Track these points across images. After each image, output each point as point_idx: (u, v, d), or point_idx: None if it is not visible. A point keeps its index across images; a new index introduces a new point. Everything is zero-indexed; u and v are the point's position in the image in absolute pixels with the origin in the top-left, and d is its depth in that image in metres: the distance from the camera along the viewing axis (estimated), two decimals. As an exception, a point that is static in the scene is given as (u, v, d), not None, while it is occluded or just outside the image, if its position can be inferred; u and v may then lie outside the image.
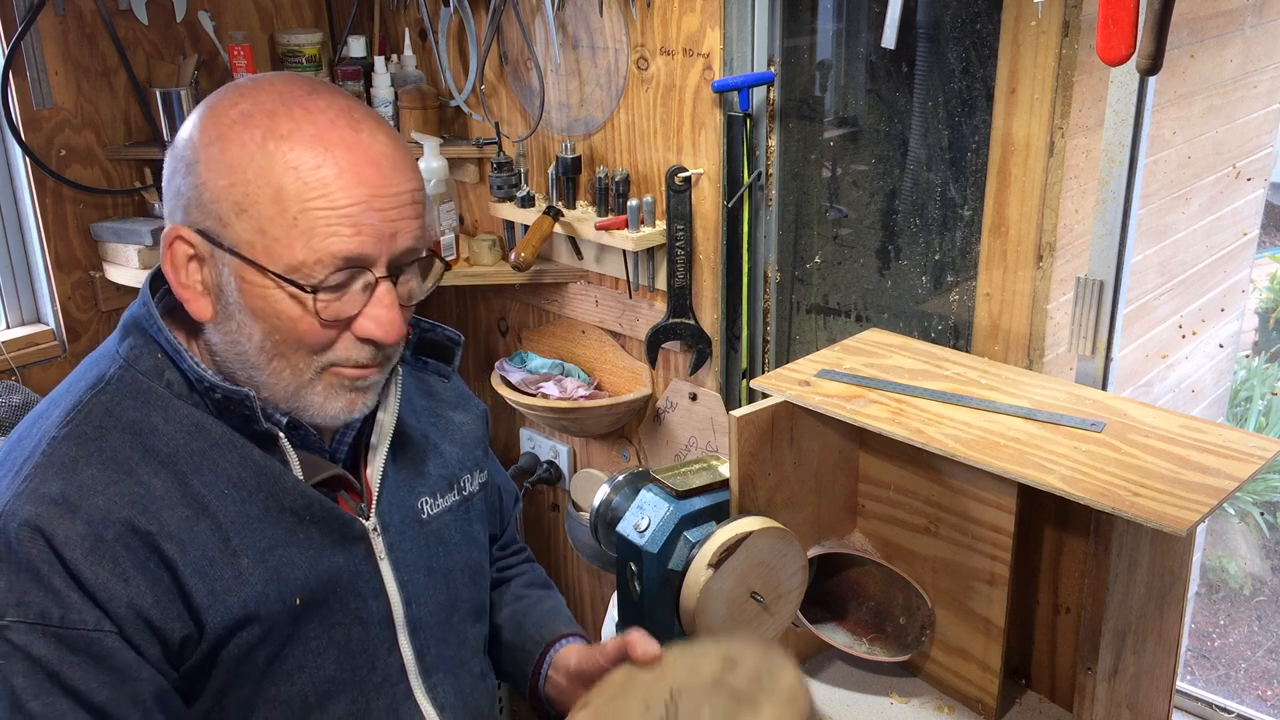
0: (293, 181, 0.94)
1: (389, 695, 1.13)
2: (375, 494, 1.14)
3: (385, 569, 1.13)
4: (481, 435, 1.31)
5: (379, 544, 1.12)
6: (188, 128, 0.99)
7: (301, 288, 0.97)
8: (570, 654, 1.27)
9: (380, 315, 1.01)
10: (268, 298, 0.98)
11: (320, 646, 1.07)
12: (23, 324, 2.37)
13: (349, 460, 1.15)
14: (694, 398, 2.11)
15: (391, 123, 2.37)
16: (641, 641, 1.12)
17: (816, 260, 1.98)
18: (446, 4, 2.24)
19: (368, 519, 1.12)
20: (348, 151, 0.96)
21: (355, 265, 0.98)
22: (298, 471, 1.06)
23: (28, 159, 2.20)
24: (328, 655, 1.08)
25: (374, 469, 1.14)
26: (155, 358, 1.02)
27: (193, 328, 1.05)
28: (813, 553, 1.47)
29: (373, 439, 1.15)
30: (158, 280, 1.09)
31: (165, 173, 1.01)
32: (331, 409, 1.05)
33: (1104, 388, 1.58)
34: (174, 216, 1.00)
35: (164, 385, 1.02)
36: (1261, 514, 4.17)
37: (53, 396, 1.05)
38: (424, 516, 1.18)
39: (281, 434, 1.05)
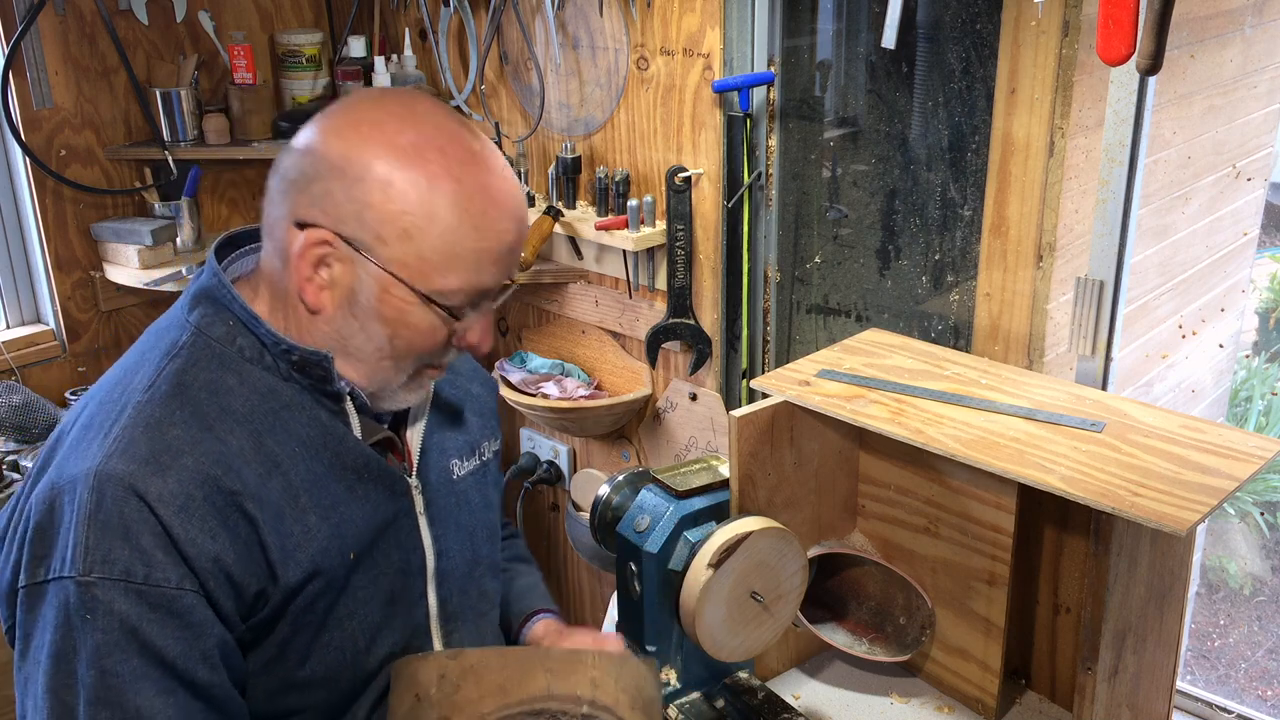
0: (463, 223, 1.04)
1: (419, 640, 1.22)
2: (416, 455, 1.23)
3: (422, 524, 1.21)
4: (494, 407, 1.42)
5: (419, 501, 1.21)
6: (342, 139, 1.04)
7: (450, 312, 1.08)
8: (539, 630, 1.39)
9: (484, 330, 1.14)
10: (405, 311, 1.07)
11: (368, 595, 1.15)
12: (23, 324, 2.38)
13: (392, 423, 1.24)
14: (694, 398, 2.11)
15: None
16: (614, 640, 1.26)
17: (816, 260, 1.98)
18: (446, 4, 2.24)
19: (410, 477, 1.21)
20: (506, 200, 1.07)
21: (490, 294, 1.11)
22: (358, 432, 1.14)
23: (28, 159, 2.20)
24: (375, 603, 1.16)
25: (415, 432, 1.24)
26: (227, 325, 1.08)
27: (272, 301, 1.11)
28: (813, 553, 1.47)
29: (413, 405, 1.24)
30: (220, 252, 1.16)
31: (294, 165, 1.06)
32: (408, 399, 1.18)
33: (1104, 388, 1.58)
34: (311, 213, 1.05)
35: (236, 350, 1.08)
36: (1261, 514, 4.17)
37: (126, 364, 1.10)
38: (454, 477, 1.27)
39: (349, 396, 1.12)
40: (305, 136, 1.07)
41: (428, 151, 1.03)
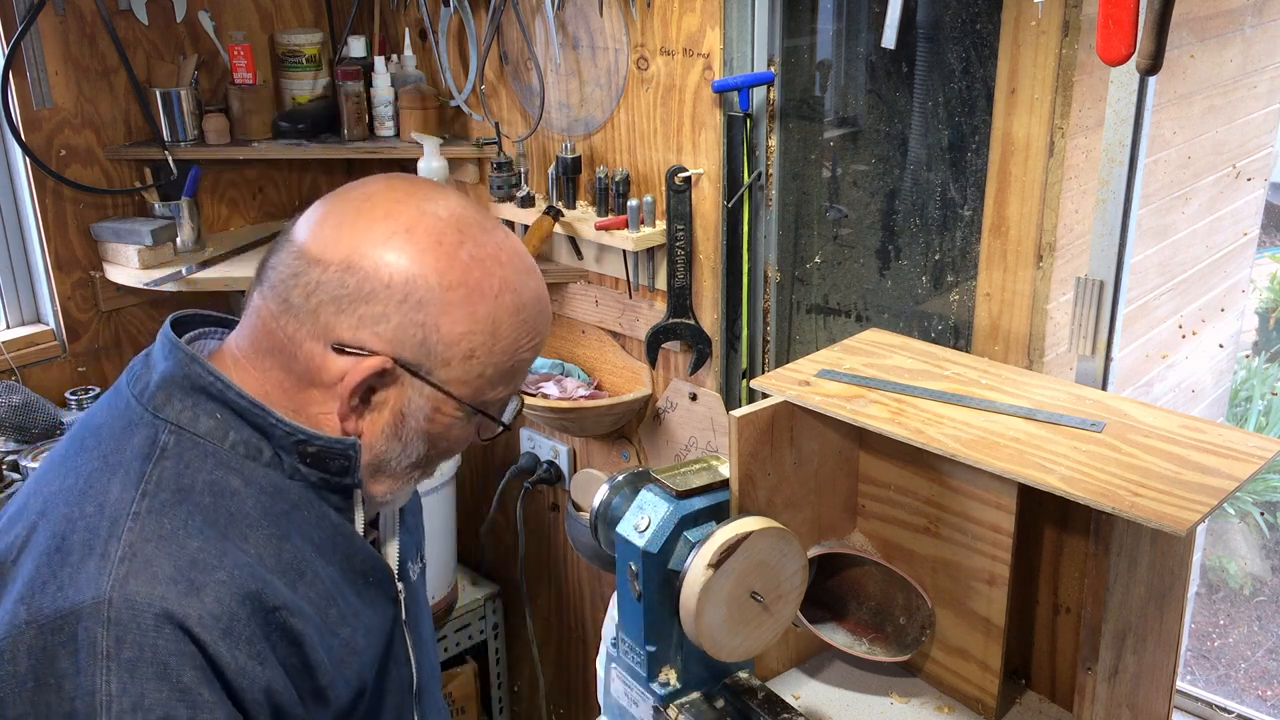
0: (523, 335, 0.99)
1: None
2: (395, 559, 1.11)
3: (407, 634, 1.10)
4: (420, 504, 1.29)
5: (403, 609, 1.09)
6: (398, 253, 0.93)
7: (497, 421, 1.03)
8: None
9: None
10: (452, 425, 1.00)
11: (388, 711, 1.06)
12: (23, 324, 2.38)
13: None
14: (694, 398, 2.11)
15: (391, 123, 2.38)
16: None
17: (816, 260, 1.98)
18: (446, 4, 2.24)
19: (398, 582, 1.09)
20: (547, 302, 1.03)
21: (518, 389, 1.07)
22: (361, 530, 1.03)
23: (28, 159, 2.20)
24: None
25: (388, 532, 1.12)
26: (214, 418, 0.94)
27: (266, 396, 0.97)
28: (813, 553, 1.47)
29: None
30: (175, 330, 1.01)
31: (330, 281, 0.92)
32: (407, 498, 1.09)
33: (1104, 388, 1.58)
34: (359, 337, 0.93)
35: (229, 447, 0.93)
36: (1261, 514, 4.16)
37: (81, 471, 0.92)
38: (413, 580, 1.17)
39: (359, 490, 1.01)
40: (336, 246, 0.93)
41: (487, 263, 0.96)
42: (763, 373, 1.86)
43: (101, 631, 0.81)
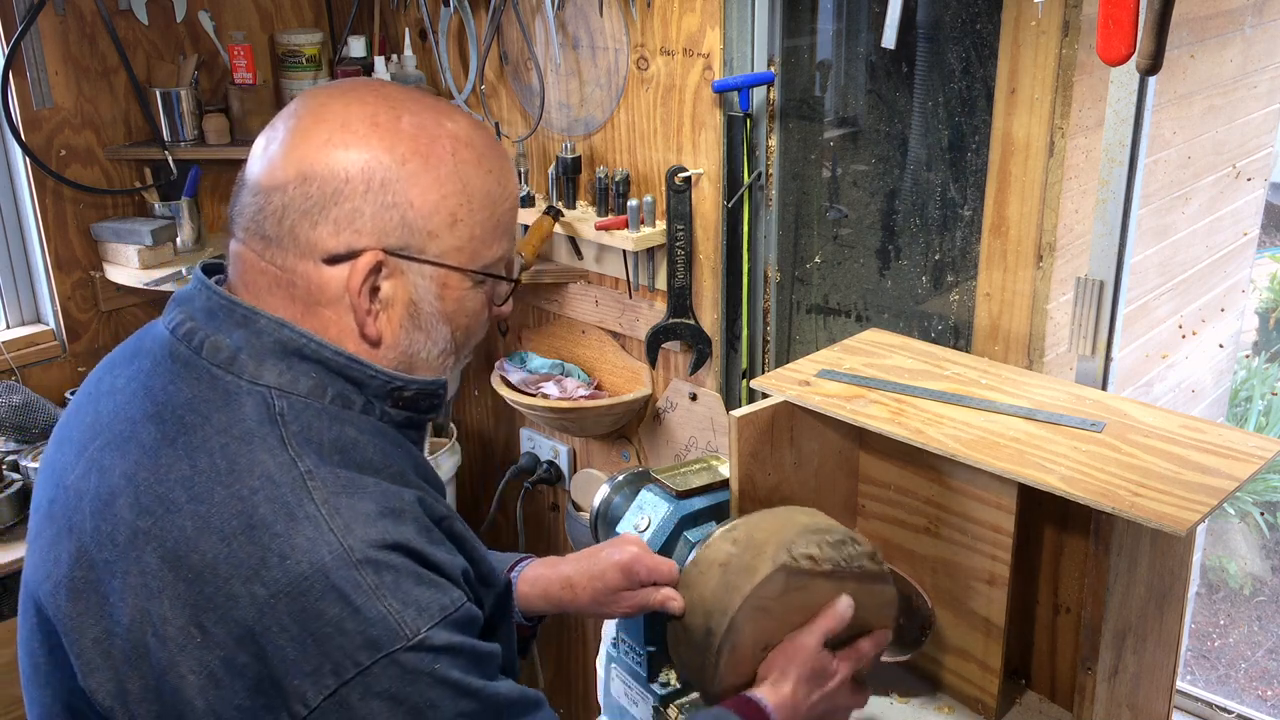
0: (494, 185, 1.01)
1: None
2: None
3: None
4: None
5: None
6: (343, 149, 0.95)
7: (505, 279, 1.05)
8: (532, 571, 1.35)
9: (510, 294, 1.10)
10: (463, 298, 1.02)
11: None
12: (23, 324, 2.38)
13: None
14: (694, 398, 2.11)
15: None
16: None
17: (816, 260, 1.98)
18: (446, 4, 2.25)
19: None
20: (498, 147, 1.05)
21: (513, 248, 1.08)
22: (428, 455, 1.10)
23: (28, 159, 2.21)
24: (507, 624, 1.14)
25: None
26: (310, 378, 0.97)
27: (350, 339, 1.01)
28: (813, 553, 1.47)
29: None
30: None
31: (291, 202, 0.95)
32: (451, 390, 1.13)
33: (1104, 388, 1.58)
34: (342, 241, 0.95)
35: (329, 402, 0.98)
36: (1261, 514, 4.17)
37: (219, 450, 0.93)
38: None
39: (430, 422, 1.09)
40: (285, 166, 0.95)
41: (430, 127, 0.98)
42: (763, 373, 1.86)
43: (357, 574, 0.88)
